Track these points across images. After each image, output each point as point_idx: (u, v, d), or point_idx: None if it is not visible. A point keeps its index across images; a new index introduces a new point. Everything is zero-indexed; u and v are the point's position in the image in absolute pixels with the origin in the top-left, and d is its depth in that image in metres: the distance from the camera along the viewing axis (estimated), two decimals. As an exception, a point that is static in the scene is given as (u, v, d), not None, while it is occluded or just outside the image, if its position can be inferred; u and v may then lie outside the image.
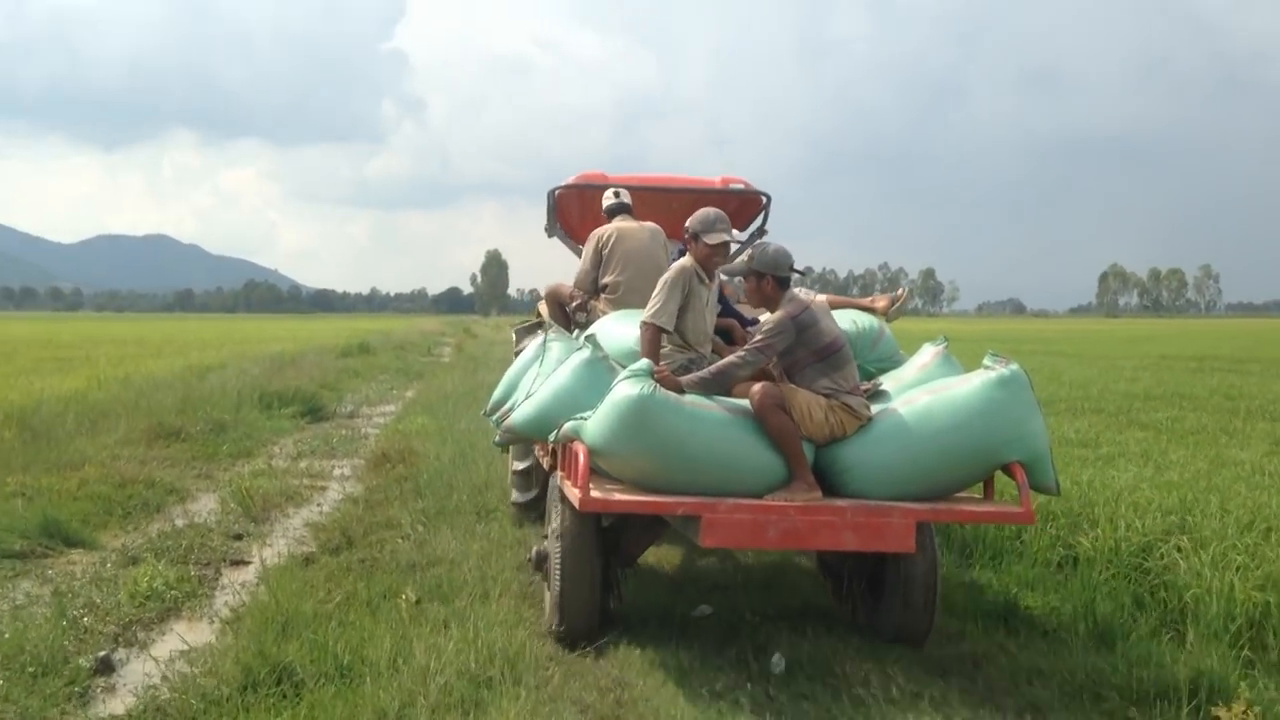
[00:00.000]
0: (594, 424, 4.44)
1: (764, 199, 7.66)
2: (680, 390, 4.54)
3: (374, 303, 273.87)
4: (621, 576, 5.26)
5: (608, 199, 6.62)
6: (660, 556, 6.45)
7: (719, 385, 4.66)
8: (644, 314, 5.08)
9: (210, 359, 19.64)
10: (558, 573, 4.74)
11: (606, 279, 6.23)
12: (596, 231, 6.41)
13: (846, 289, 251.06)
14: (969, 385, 4.51)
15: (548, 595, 5.04)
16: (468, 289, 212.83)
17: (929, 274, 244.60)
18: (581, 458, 4.38)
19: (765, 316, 4.94)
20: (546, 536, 5.17)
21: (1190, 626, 4.61)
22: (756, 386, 4.49)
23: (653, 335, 4.99)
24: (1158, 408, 12.96)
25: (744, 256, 5.23)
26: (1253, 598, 4.52)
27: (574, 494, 4.37)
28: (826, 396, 4.57)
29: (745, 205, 7.79)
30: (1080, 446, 9.47)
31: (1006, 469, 4.49)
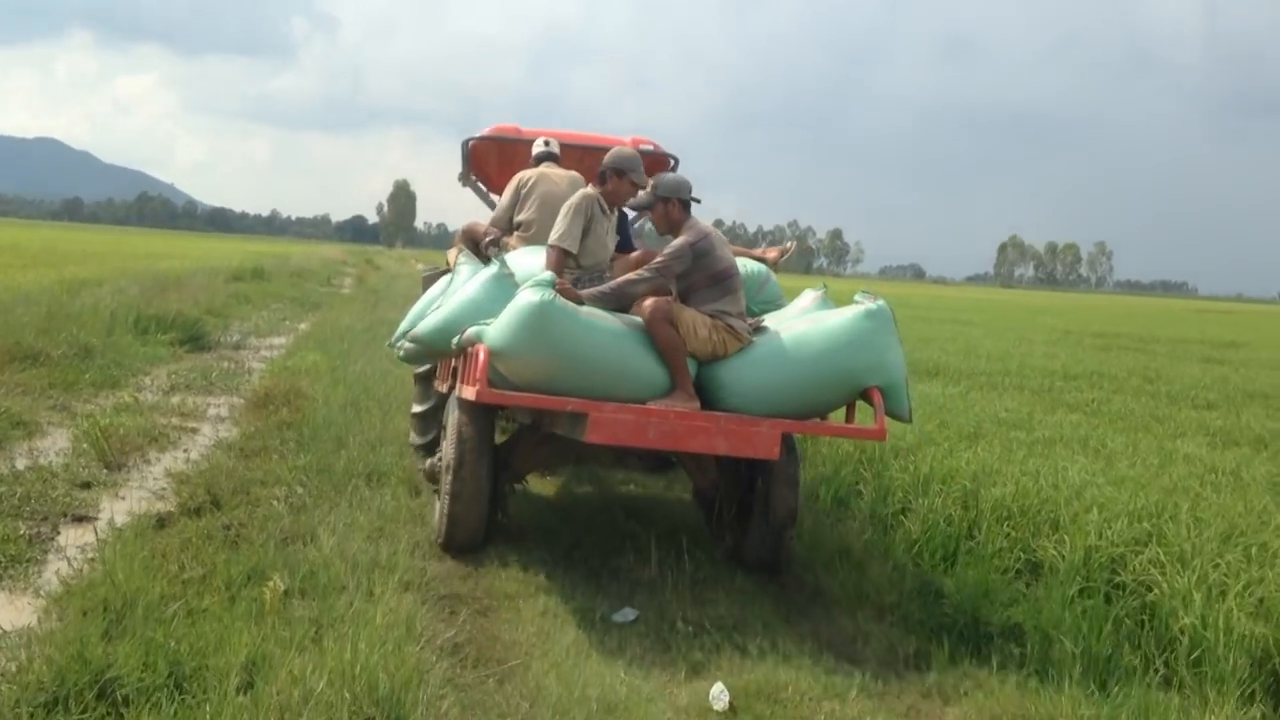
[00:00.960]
0: (495, 328, 4.76)
1: (672, 161, 7.77)
2: (580, 302, 4.88)
3: (274, 225, 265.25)
4: (510, 492, 5.66)
5: (538, 147, 6.83)
6: (578, 552, 5.72)
7: (618, 300, 5.02)
8: (552, 236, 5.41)
9: (87, 274, 18.13)
10: (448, 484, 5.13)
11: (520, 217, 6.37)
12: (519, 174, 6.56)
13: (756, 243, 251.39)
14: (841, 315, 5.02)
15: (437, 507, 5.39)
16: (373, 218, 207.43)
17: (836, 234, 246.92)
18: (482, 355, 4.73)
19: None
20: (441, 455, 5.46)
21: (1185, 668, 4.05)
22: (648, 301, 4.89)
23: (557, 256, 5.32)
24: (1080, 387, 12.66)
25: (647, 188, 5.45)
26: (1257, 634, 3.99)
27: (472, 392, 4.75)
28: (712, 317, 4.97)
29: (654, 166, 7.67)
30: (1014, 428, 9.00)
31: (866, 396, 4.97)
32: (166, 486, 6.33)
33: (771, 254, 6.68)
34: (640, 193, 5.53)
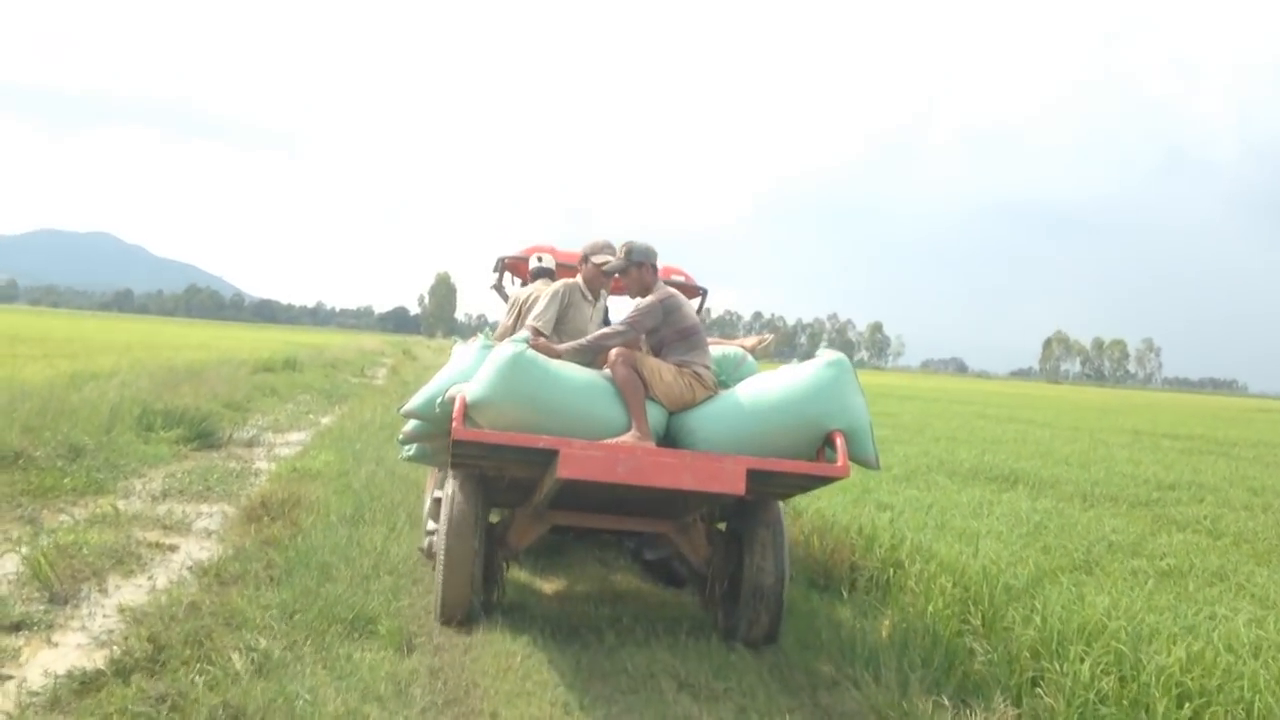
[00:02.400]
0: (474, 380, 5.09)
1: (702, 291, 8.18)
2: (558, 355, 5.31)
3: (319, 316, 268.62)
4: (505, 568, 5.91)
5: (532, 263, 7.28)
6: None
7: (593, 353, 5.39)
8: (528, 318, 5.89)
9: (103, 365, 17.26)
10: (441, 558, 5.35)
11: (517, 332, 6.45)
12: (518, 292, 6.97)
13: (795, 337, 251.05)
14: (803, 368, 5.30)
15: (436, 580, 5.52)
16: (415, 309, 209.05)
17: (876, 328, 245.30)
18: (459, 403, 5.00)
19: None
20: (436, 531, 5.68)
21: None
22: (614, 349, 5.25)
23: (533, 338, 5.46)
24: (1181, 500, 11.24)
25: (620, 253, 5.78)
26: None
27: (452, 432, 4.91)
28: (678, 364, 5.35)
29: (688, 295, 7.91)
30: (1130, 554, 7.66)
31: (831, 444, 5.09)
32: (113, 627, 5.17)
33: (749, 342, 6.78)
34: (614, 260, 5.81)
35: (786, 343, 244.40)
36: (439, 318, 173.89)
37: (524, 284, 8.29)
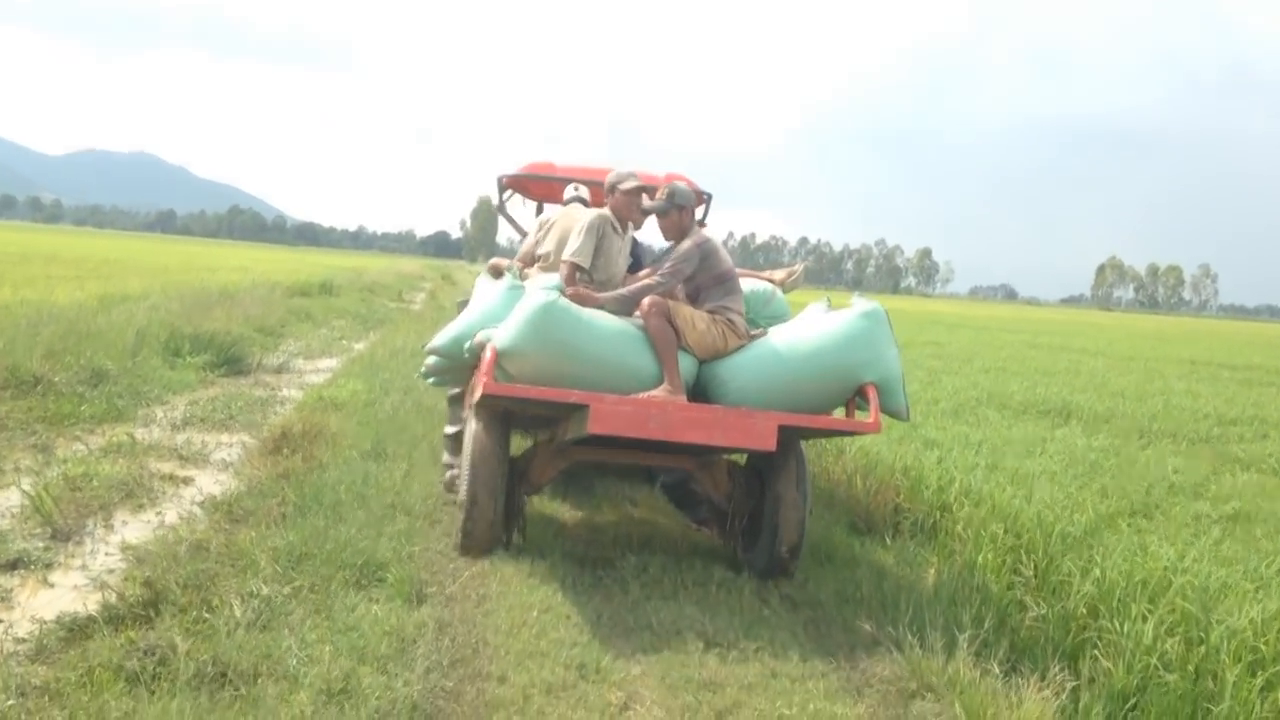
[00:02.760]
0: (504, 328, 4.97)
1: (706, 196, 7.88)
2: (597, 305, 5.19)
3: (360, 240, 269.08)
4: (526, 503, 5.80)
5: (568, 192, 7.04)
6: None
7: (633, 303, 5.21)
8: (564, 253, 5.63)
9: (133, 287, 17.08)
10: (463, 492, 5.32)
11: (540, 250, 6.44)
12: (544, 215, 6.87)
13: (841, 262, 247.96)
14: (837, 316, 5.18)
15: (457, 516, 5.48)
16: (457, 233, 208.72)
17: (925, 253, 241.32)
18: (489, 352, 4.93)
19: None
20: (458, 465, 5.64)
21: None
22: (647, 299, 5.12)
23: (570, 271, 5.50)
24: (1244, 436, 10.75)
25: (660, 195, 5.68)
26: None
27: (480, 388, 4.91)
28: (712, 312, 5.26)
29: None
30: (1193, 497, 7.21)
31: (863, 394, 5.07)
32: (114, 566, 4.92)
33: (779, 275, 6.74)
34: (654, 201, 5.66)
35: (832, 269, 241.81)
36: (481, 242, 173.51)
37: (531, 201, 8.62)
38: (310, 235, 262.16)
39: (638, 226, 6.06)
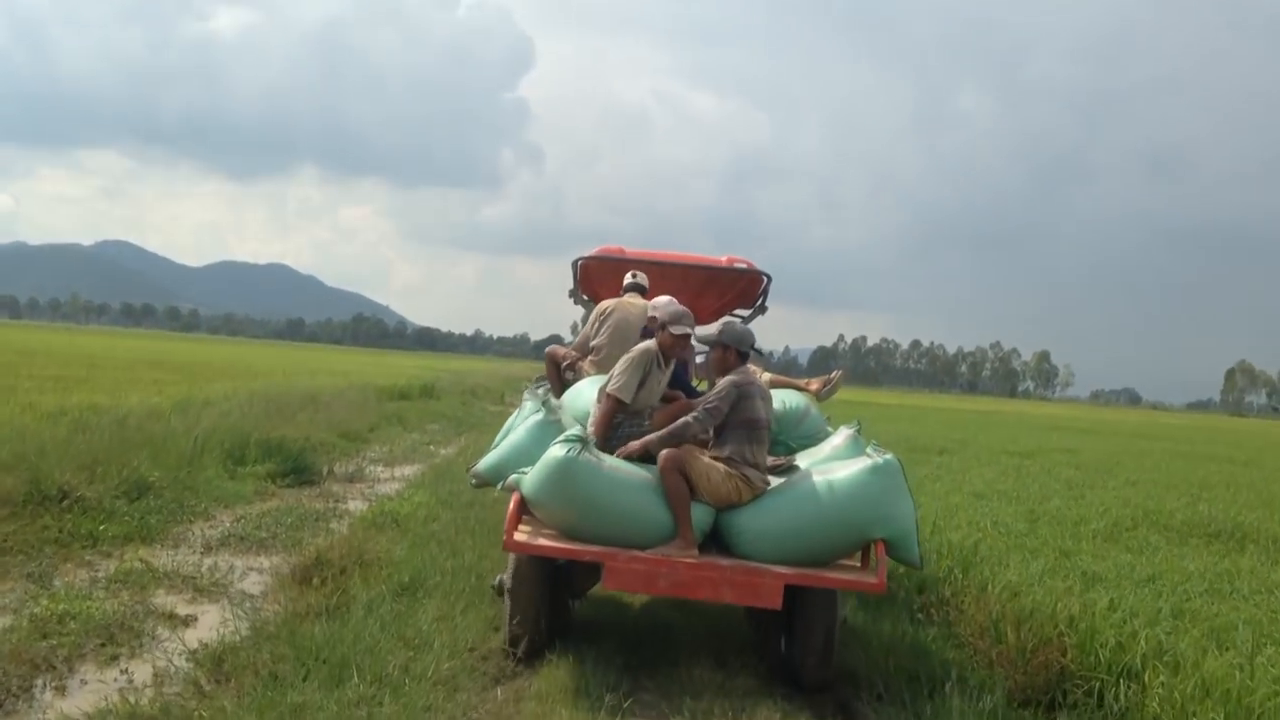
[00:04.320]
0: (530, 477, 5.13)
1: (765, 278, 8.00)
2: (644, 451, 5.36)
3: (476, 344, 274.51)
4: (573, 607, 6.06)
5: (627, 280, 7.24)
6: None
7: (676, 441, 5.32)
8: (608, 385, 5.73)
9: (214, 391, 16.46)
10: (508, 602, 5.42)
11: (594, 342, 6.77)
12: (601, 303, 7.05)
13: (956, 365, 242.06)
14: (848, 470, 5.19)
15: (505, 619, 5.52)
16: (569, 336, 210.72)
17: (1043, 357, 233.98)
18: (513, 505, 5.16)
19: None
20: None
21: None
22: (664, 451, 5.22)
23: (610, 406, 5.64)
24: None
25: (715, 329, 5.89)
26: None
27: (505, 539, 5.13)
28: (728, 464, 5.28)
29: (749, 283, 8.21)
30: None
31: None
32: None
33: (814, 385, 6.71)
34: (682, 328, 5.75)
35: (946, 372, 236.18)
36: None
37: (594, 289, 8.42)
38: (429, 340, 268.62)
39: (676, 361, 6.16)
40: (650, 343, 5.86)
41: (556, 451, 4.97)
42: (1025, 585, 6.26)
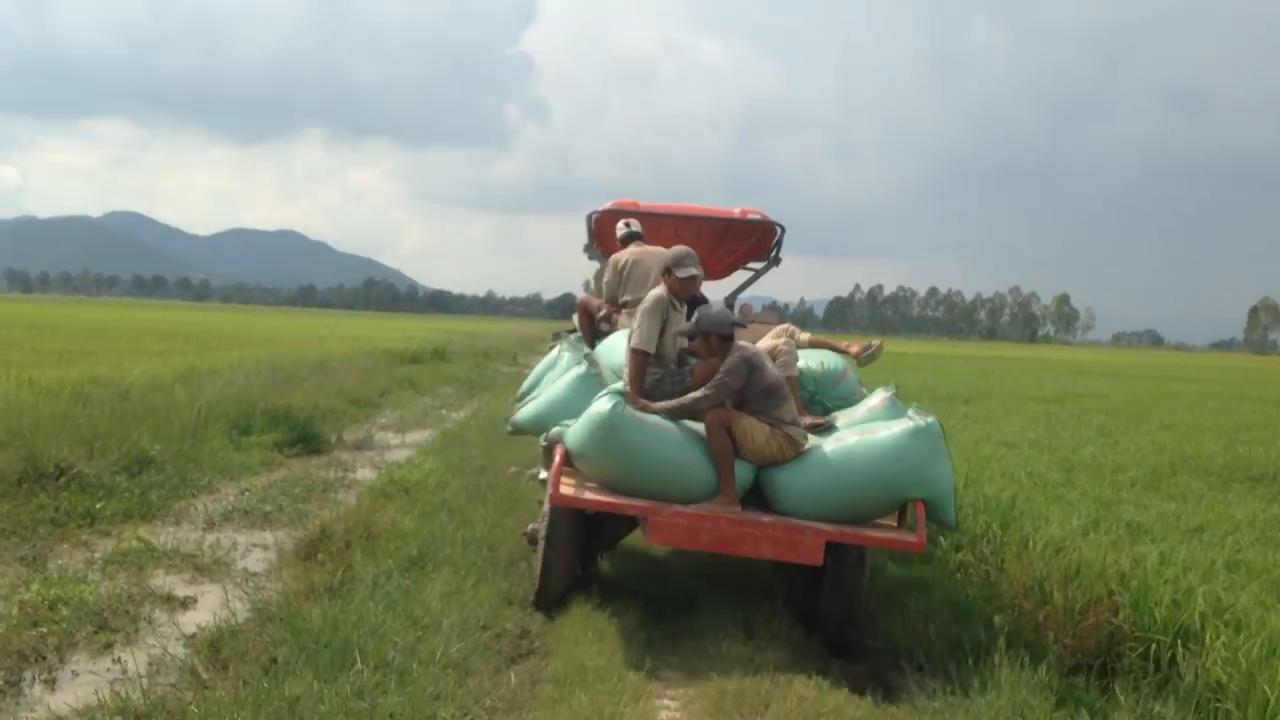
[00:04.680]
0: (574, 431, 5.22)
1: (779, 229, 8.07)
2: (653, 413, 5.28)
3: (489, 305, 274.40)
4: (601, 557, 6.19)
5: (620, 229, 7.29)
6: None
7: (685, 413, 5.35)
8: (631, 341, 5.77)
9: (223, 360, 16.17)
10: (541, 551, 5.47)
11: (625, 297, 6.80)
12: (614, 256, 7.08)
13: (974, 311, 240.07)
14: (890, 431, 5.20)
15: (535, 566, 5.59)
16: (581, 293, 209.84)
17: (1063, 300, 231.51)
18: (558, 458, 5.21)
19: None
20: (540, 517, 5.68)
21: None
22: (711, 413, 5.25)
23: (639, 360, 5.67)
24: None
25: (691, 321, 5.65)
26: None
27: (549, 495, 5.19)
28: (770, 425, 5.28)
29: (763, 235, 8.25)
30: None
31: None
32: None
33: (855, 348, 6.65)
34: (686, 324, 5.72)
35: (964, 319, 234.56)
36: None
37: (607, 243, 8.07)
38: (441, 303, 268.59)
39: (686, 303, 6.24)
40: (661, 289, 5.91)
41: (602, 405, 5.04)
42: (1068, 540, 5.91)
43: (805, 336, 6.66)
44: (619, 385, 5.28)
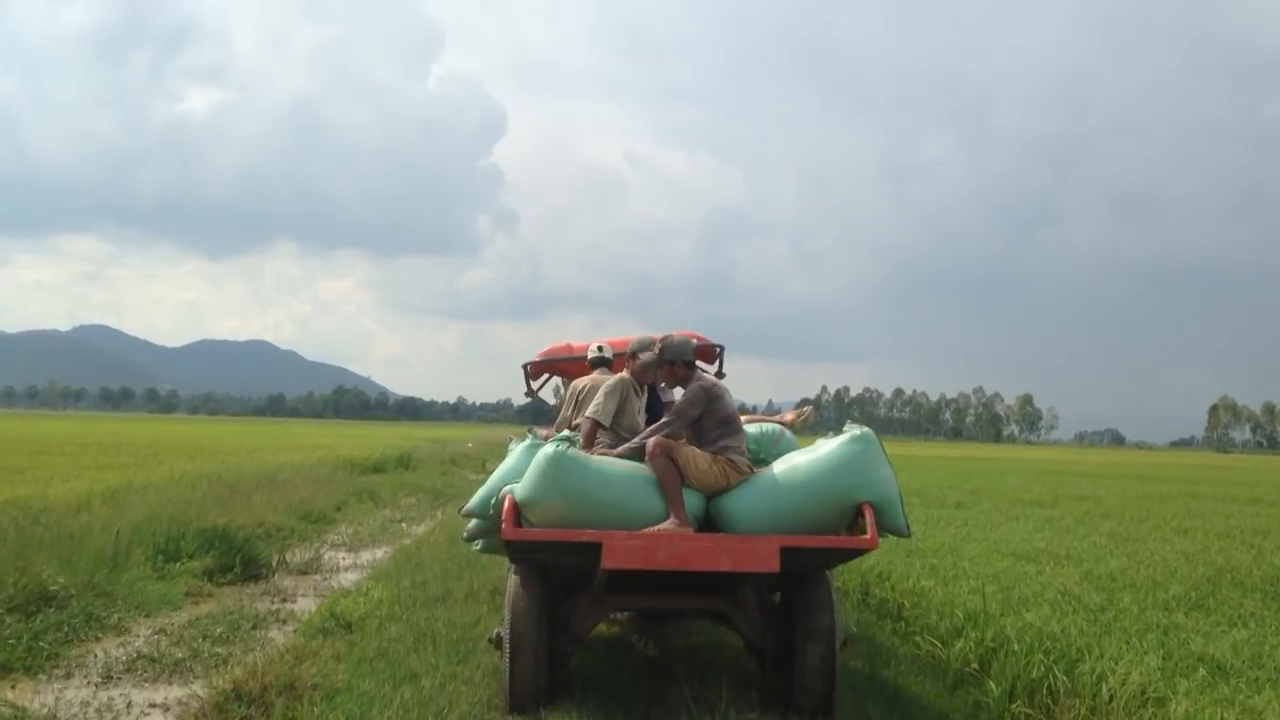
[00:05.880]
0: (522, 481, 5.24)
1: (718, 349, 8.39)
2: (617, 457, 5.54)
3: (459, 411, 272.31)
4: (570, 653, 5.82)
5: (592, 352, 7.55)
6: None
7: (641, 454, 5.46)
8: (588, 410, 6.16)
9: (157, 475, 14.87)
10: (508, 648, 5.34)
11: (576, 420, 6.62)
12: (575, 383, 7.17)
13: (939, 412, 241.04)
14: (830, 445, 5.39)
15: (504, 671, 5.46)
16: (553, 400, 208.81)
17: (1026, 400, 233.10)
18: (508, 502, 5.21)
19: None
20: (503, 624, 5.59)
21: None
22: (651, 440, 5.43)
23: (590, 427, 5.98)
24: None
25: (655, 351, 6.02)
26: None
27: (502, 532, 5.19)
28: (713, 453, 5.46)
29: (702, 354, 8.19)
30: None
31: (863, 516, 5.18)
32: None
33: (789, 417, 6.82)
34: (647, 355, 6.12)
35: (930, 420, 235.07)
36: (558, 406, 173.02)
37: (535, 390, 9.05)
38: (411, 410, 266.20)
39: (655, 386, 6.67)
40: (623, 374, 6.30)
41: (546, 449, 5.11)
42: (1154, 687, 4.82)
43: (743, 418, 6.72)
44: (564, 434, 5.37)
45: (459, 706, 4.98)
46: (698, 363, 9.19)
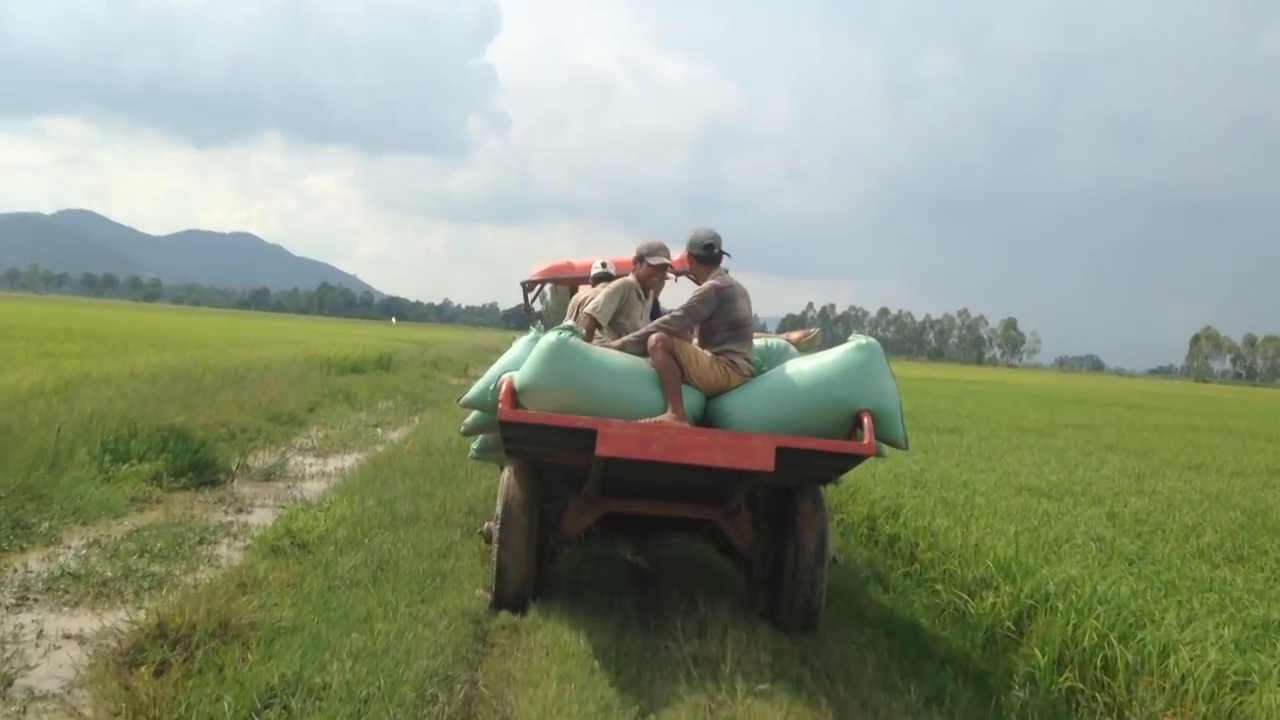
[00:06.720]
0: (523, 368, 5.17)
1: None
2: (619, 348, 5.47)
3: (445, 313, 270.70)
4: (559, 553, 5.90)
5: (596, 268, 7.47)
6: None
7: (645, 346, 5.41)
8: (587, 306, 6.25)
9: (117, 367, 13.96)
10: (497, 543, 5.45)
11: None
12: (579, 293, 7.43)
13: (923, 333, 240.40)
14: (833, 352, 5.35)
15: (491, 566, 5.62)
16: (539, 305, 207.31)
17: (1011, 324, 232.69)
18: (505, 386, 5.12)
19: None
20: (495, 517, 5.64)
21: None
22: (654, 335, 5.37)
23: (589, 324, 5.99)
24: None
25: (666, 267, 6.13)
26: None
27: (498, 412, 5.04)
28: (715, 353, 5.46)
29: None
30: None
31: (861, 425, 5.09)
32: None
33: (794, 336, 6.71)
34: (658, 258, 6.07)
35: (914, 340, 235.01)
36: (559, 314, 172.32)
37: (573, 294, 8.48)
38: (396, 309, 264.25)
39: (658, 294, 6.49)
40: (628, 276, 6.21)
41: (550, 336, 5.09)
42: (1229, 664, 4.12)
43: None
44: (567, 323, 5.41)
45: (419, 659, 4.20)
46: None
